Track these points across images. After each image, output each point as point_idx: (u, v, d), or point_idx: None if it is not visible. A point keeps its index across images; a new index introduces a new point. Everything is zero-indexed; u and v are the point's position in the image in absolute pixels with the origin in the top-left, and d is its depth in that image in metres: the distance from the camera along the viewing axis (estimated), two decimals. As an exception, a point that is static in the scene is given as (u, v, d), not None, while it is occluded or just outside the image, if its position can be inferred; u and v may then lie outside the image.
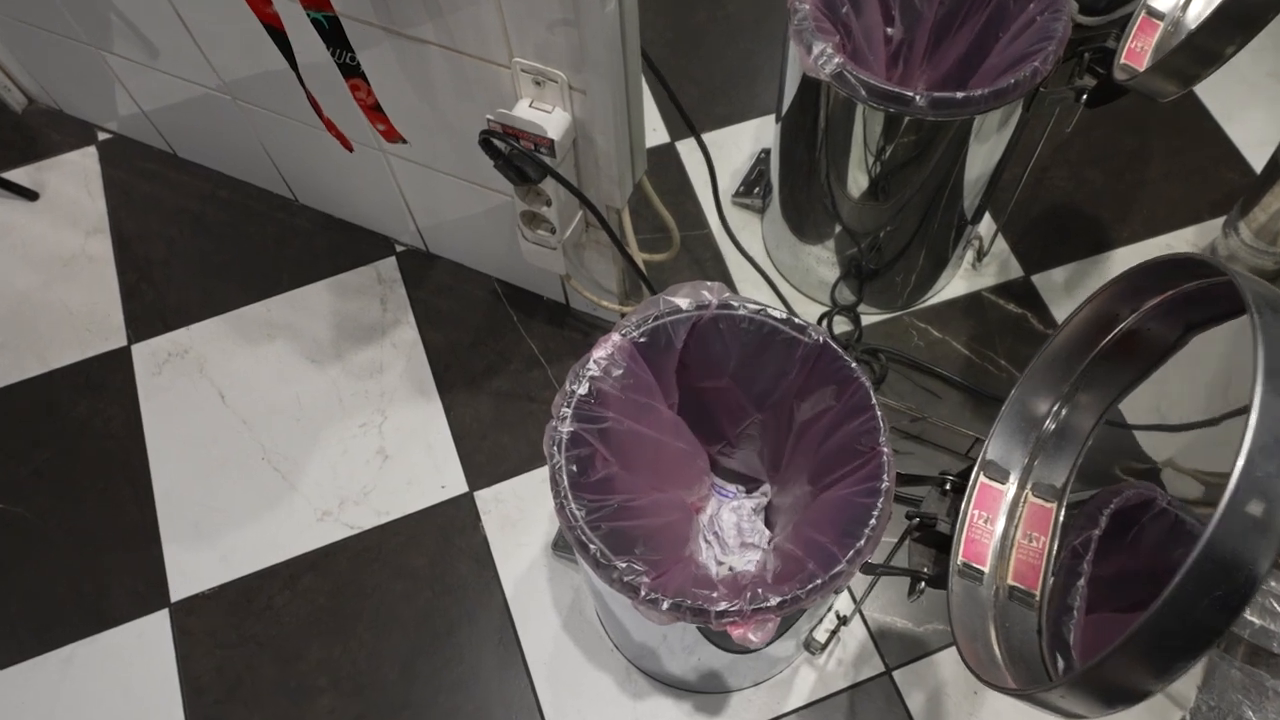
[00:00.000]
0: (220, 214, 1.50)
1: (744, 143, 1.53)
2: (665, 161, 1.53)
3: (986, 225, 1.44)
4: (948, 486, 0.89)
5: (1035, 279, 1.43)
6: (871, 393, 0.92)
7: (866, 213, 1.28)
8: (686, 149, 1.53)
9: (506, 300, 1.42)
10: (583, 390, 0.92)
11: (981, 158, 1.19)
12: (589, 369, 0.93)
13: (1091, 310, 0.77)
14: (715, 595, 0.85)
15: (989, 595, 0.79)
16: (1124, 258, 1.44)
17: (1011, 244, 1.46)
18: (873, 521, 0.86)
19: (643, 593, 0.84)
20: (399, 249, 1.47)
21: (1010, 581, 0.81)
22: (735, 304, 0.97)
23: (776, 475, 1.14)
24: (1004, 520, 0.83)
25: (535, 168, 1.04)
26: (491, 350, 1.39)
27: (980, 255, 1.44)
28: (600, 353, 0.94)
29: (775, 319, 0.96)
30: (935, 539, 0.87)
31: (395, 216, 1.41)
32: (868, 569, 0.89)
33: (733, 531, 1.14)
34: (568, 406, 0.92)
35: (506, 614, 1.24)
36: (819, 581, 0.84)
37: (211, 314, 1.43)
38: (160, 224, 1.50)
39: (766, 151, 1.51)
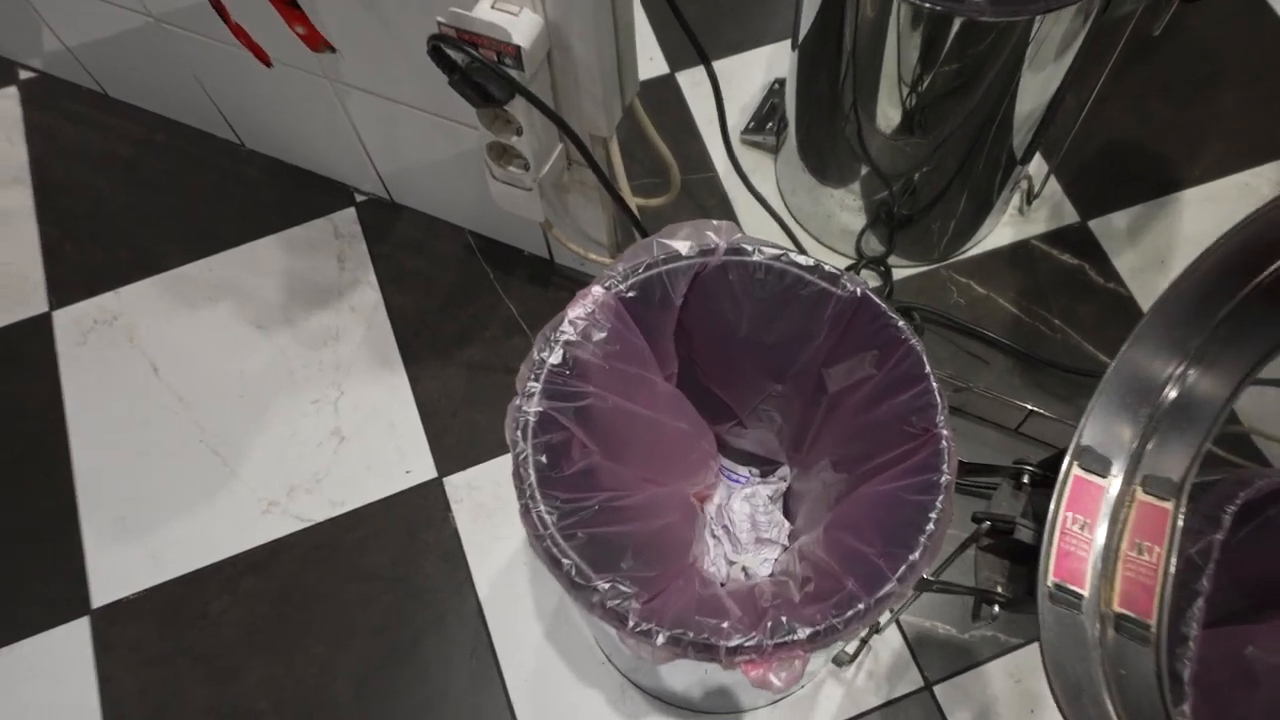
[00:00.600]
0: (157, 161, 1.28)
1: (755, 73, 1.30)
2: (664, 95, 1.30)
3: (1036, 164, 1.21)
4: (1026, 479, 0.66)
5: (1093, 225, 1.20)
6: (925, 359, 0.70)
7: (899, 151, 1.05)
8: (689, 80, 1.30)
9: (482, 256, 1.20)
10: (555, 359, 0.70)
11: (1039, 82, 0.96)
12: (563, 332, 0.71)
13: (1245, 238, 0.54)
14: (726, 625, 0.63)
15: (1093, 629, 0.58)
16: (1196, 199, 1.21)
17: (1065, 185, 1.23)
18: (930, 526, 0.64)
19: (631, 622, 0.63)
20: (359, 199, 1.24)
21: (1117, 608, 0.59)
22: (749, 248, 0.74)
23: (798, 456, 0.92)
24: (1105, 526, 0.61)
25: (500, 84, 0.81)
26: (464, 314, 1.17)
27: (1029, 198, 1.21)
28: (577, 311, 0.72)
29: (800, 266, 0.74)
30: (1010, 549, 0.65)
31: (353, 161, 1.19)
32: (923, 586, 0.67)
33: (746, 525, 0.93)
34: (535, 380, 0.70)
35: (481, 621, 1.03)
36: (861, 606, 0.63)
37: (144, 275, 1.21)
38: (88, 173, 1.28)
39: (780, 82, 1.28)
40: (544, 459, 0.68)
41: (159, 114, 1.30)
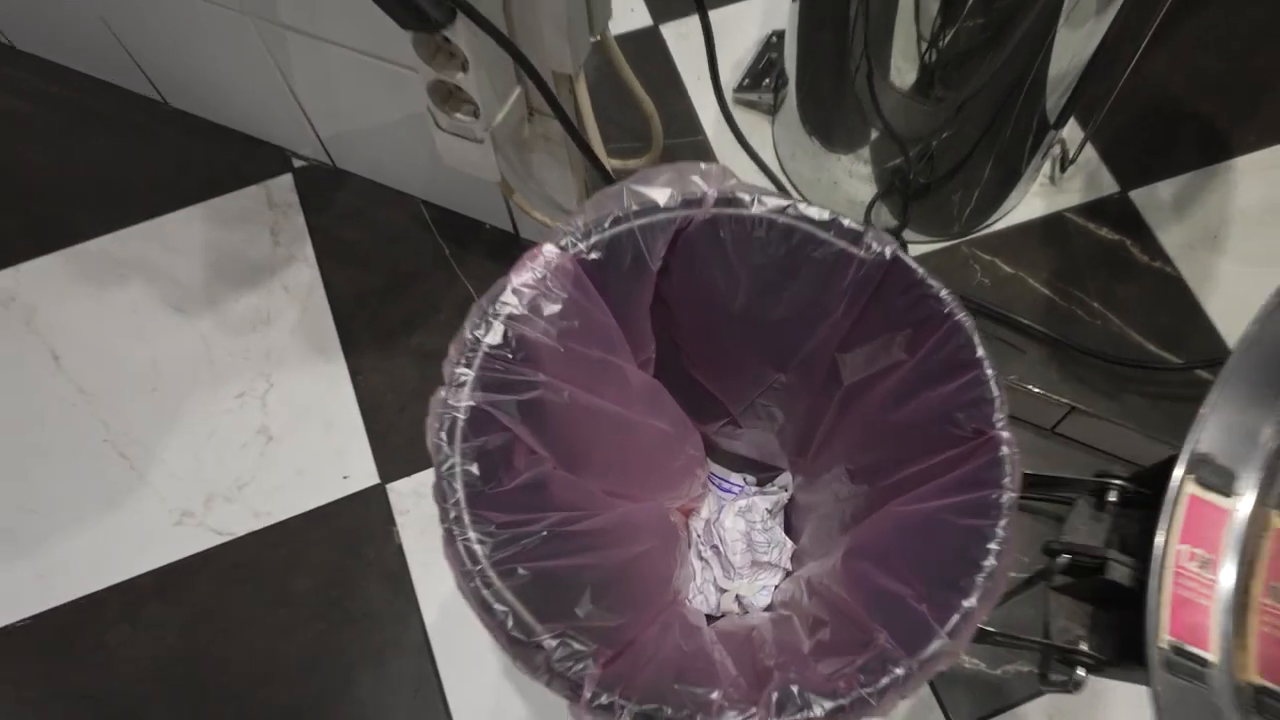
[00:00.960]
0: (66, 120, 1.09)
1: (748, 26, 1.13)
2: (646, 50, 1.12)
3: (1070, 127, 1.04)
4: (1113, 498, 0.49)
5: (1134, 196, 1.03)
6: (977, 340, 0.53)
7: (915, 112, 0.88)
8: (675, 34, 1.13)
9: (436, 229, 1.02)
10: (493, 339, 0.53)
11: (1079, 37, 0.81)
12: (504, 303, 0.54)
13: None
14: (716, 696, 0.46)
15: (1229, 710, 0.40)
16: (1251, 167, 1.04)
17: (1102, 151, 1.05)
18: (989, 561, 0.47)
19: (587, 693, 0.45)
20: (297, 164, 1.06)
21: (1255, 677, 0.42)
22: (745, 198, 0.57)
23: (802, 462, 0.74)
24: (1233, 563, 0.44)
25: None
26: (415, 294, 1.00)
27: (1063, 165, 1.04)
28: (524, 277, 0.54)
29: (812, 221, 0.56)
30: (1094, 590, 0.48)
31: (289, 120, 1.01)
32: (982, 639, 0.50)
33: (740, 545, 0.75)
34: (467, 365, 0.52)
35: (427, 655, 0.86)
36: (900, 672, 0.45)
37: (47, 250, 1.03)
38: (-11, 134, 1.10)
39: (778, 35, 1.11)
40: (476, 469, 0.50)
41: (70, 67, 1.11)
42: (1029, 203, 1.04)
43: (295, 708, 0.84)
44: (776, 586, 0.74)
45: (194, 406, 0.96)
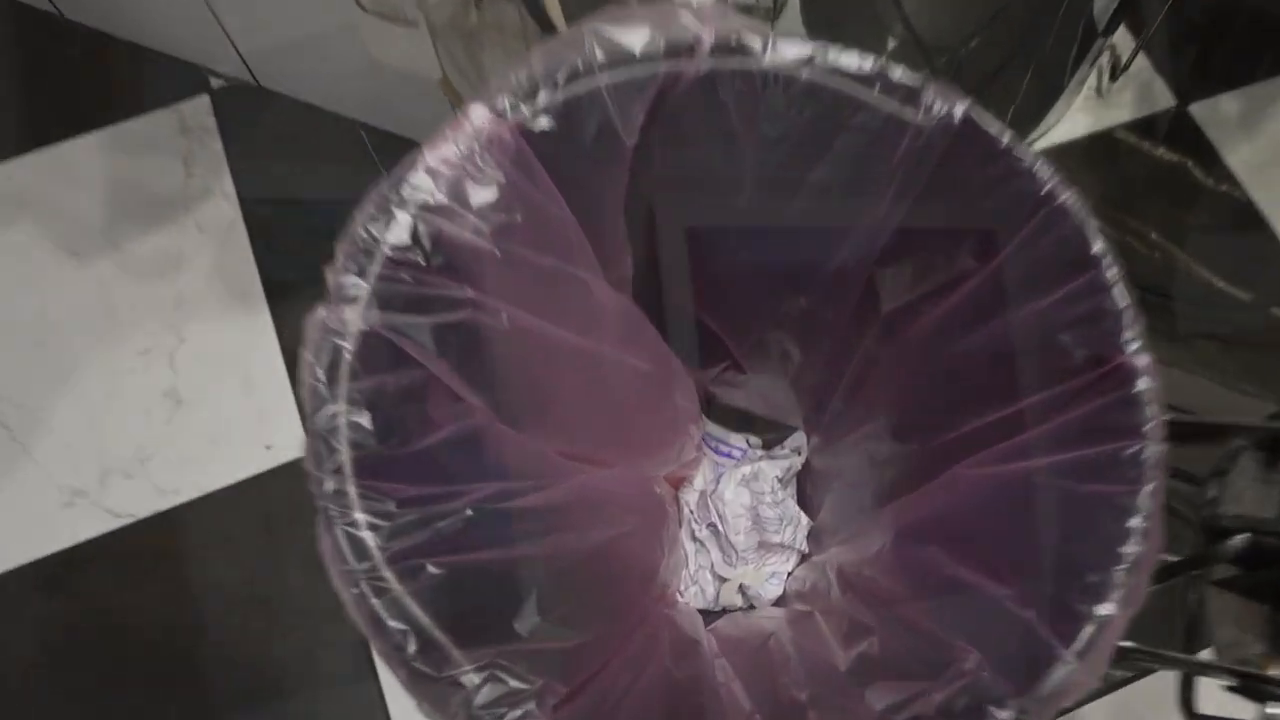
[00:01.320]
0: (-54, 38, 0.93)
1: (742, -78, 0.96)
2: (624, -49, 0.95)
3: (1121, 34, 0.89)
4: (1299, 450, 0.33)
5: (1194, 110, 0.88)
6: (1091, 228, 0.36)
7: (942, 14, 0.74)
8: (656, -69, 0.96)
9: (377, 155, 0.87)
10: (397, 237, 0.36)
11: None
12: (415, 189, 0.37)
13: None
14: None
15: None
16: (1328, 75, 0.89)
17: (1156, 60, 0.90)
18: (1130, 546, 0.31)
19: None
20: (215, 84, 0.89)
21: None
22: (754, 45, 0.40)
23: (821, 418, 0.58)
24: None
25: None
26: (352, 231, 0.83)
27: (1112, 76, 0.88)
28: (443, 152, 0.37)
29: (848, 75, 0.40)
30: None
31: (203, 31, 0.84)
32: (1125, 661, 0.33)
33: (744, 522, 0.59)
34: (359, 274, 0.36)
35: (365, 658, 0.71)
36: (1005, 717, 0.29)
37: (-79, 185, 0.86)
38: None
39: (777, -71, 0.94)
40: (369, 422, 0.34)
41: (-48, -24, 0.94)
42: (1073, 119, 0.89)
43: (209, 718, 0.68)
44: (790, 574, 0.58)
45: (89, 365, 0.80)
